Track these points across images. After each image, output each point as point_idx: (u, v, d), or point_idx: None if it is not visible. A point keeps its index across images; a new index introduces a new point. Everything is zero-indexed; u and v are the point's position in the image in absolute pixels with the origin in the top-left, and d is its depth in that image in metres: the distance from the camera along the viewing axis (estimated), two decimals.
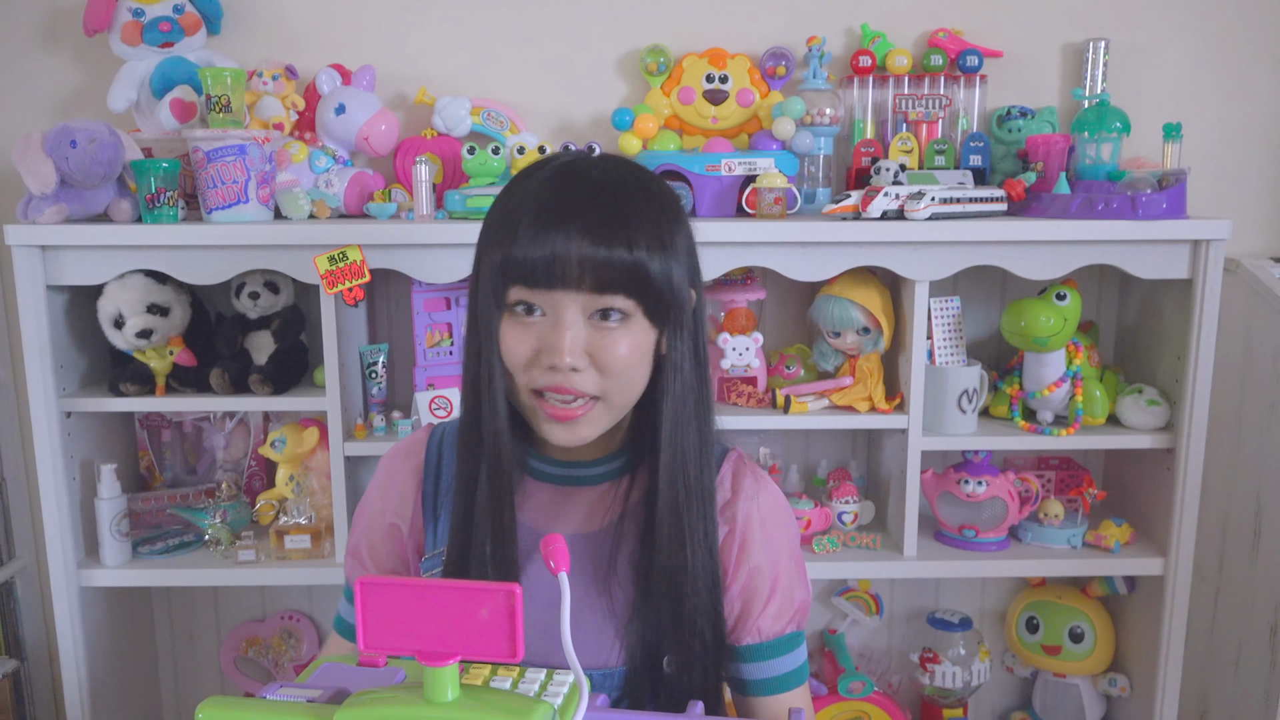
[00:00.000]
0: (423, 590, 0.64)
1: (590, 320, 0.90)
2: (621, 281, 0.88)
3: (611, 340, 0.90)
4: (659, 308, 0.91)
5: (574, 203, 0.89)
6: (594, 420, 0.94)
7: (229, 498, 1.80)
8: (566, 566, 0.74)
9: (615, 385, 0.92)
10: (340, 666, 0.77)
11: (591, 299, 0.89)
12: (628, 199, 0.90)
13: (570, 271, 0.87)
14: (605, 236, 0.87)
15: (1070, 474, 1.89)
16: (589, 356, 0.90)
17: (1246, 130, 1.87)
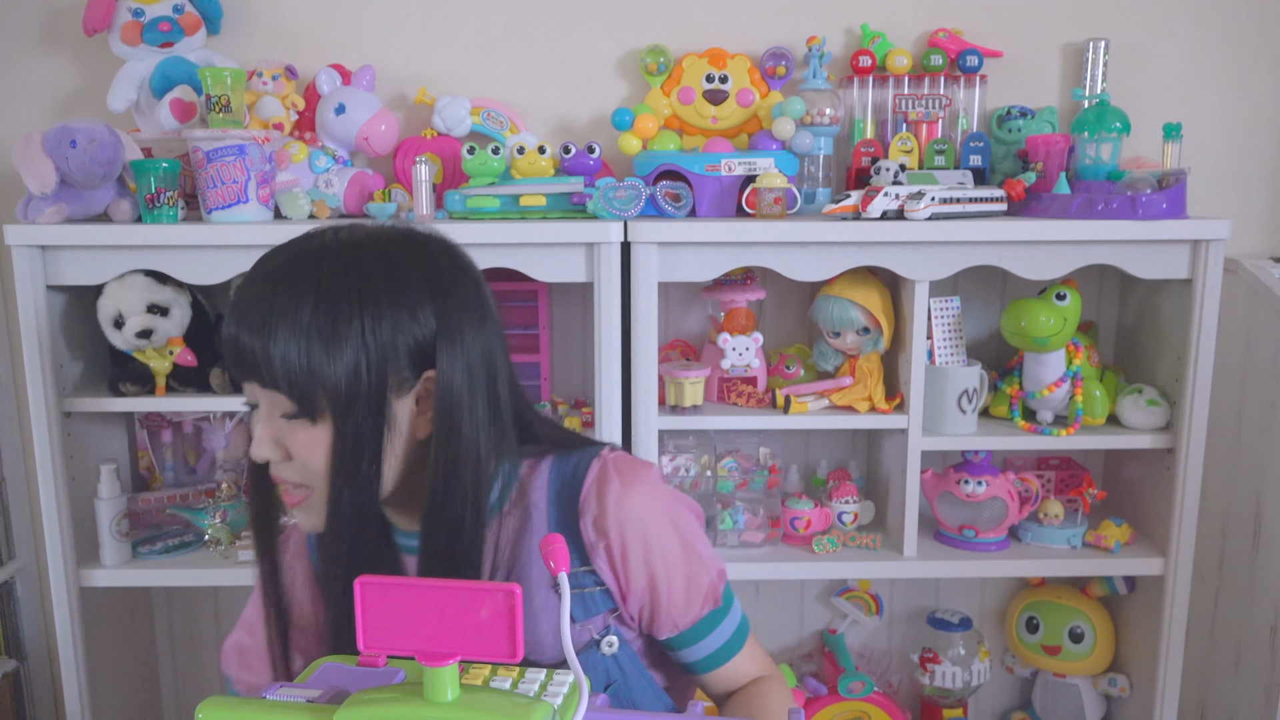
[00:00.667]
0: (423, 590, 0.64)
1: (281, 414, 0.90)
2: (265, 375, 0.87)
3: (292, 433, 0.90)
4: (313, 406, 0.88)
5: (249, 293, 0.89)
6: (314, 508, 0.93)
7: (229, 498, 1.80)
8: (566, 566, 0.74)
9: (310, 477, 0.91)
10: (340, 666, 0.77)
11: (269, 391, 0.89)
12: (287, 287, 0.87)
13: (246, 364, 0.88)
14: (254, 329, 0.87)
15: (1070, 474, 1.89)
16: (283, 449, 0.91)
17: (1246, 130, 1.87)
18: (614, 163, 1.80)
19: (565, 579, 0.73)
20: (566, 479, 1.00)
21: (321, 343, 0.86)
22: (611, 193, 1.60)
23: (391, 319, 0.88)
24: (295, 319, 0.86)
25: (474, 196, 1.62)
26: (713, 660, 1.05)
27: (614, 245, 1.56)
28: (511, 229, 1.57)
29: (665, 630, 1.02)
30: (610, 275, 1.57)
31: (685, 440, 1.77)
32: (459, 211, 1.63)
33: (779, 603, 2.01)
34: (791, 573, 1.76)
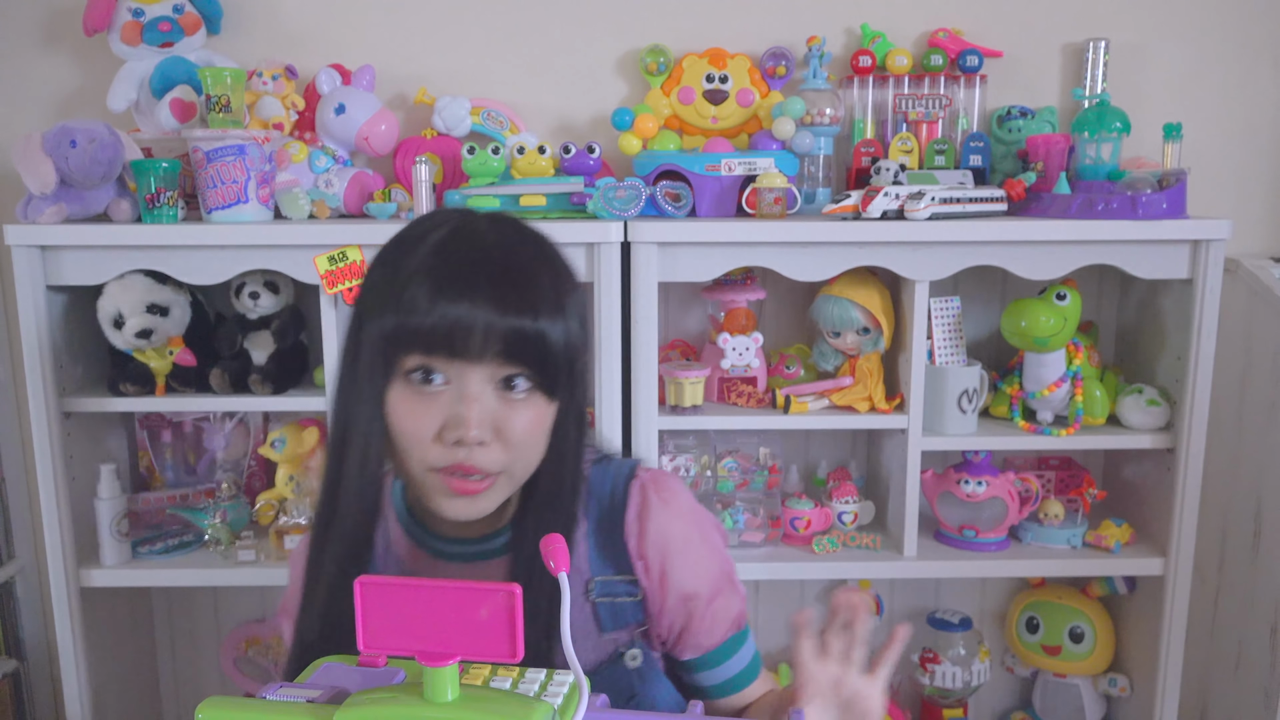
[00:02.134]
0: (423, 590, 0.64)
1: (496, 390, 0.86)
2: (524, 352, 0.85)
3: (515, 412, 0.86)
4: (557, 377, 0.88)
5: (479, 268, 0.85)
6: (495, 494, 0.90)
7: (229, 498, 1.80)
8: (566, 567, 0.74)
9: (517, 459, 0.88)
10: (340, 666, 0.77)
11: (496, 369, 0.85)
12: (528, 265, 0.88)
13: (475, 342, 0.83)
14: (511, 305, 0.84)
15: (1070, 474, 1.89)
16: (494, 429, 0.86)
17: (1246, 130, 1.87)
18: (614, 163, 1.80)
19: (565, 579, 0.73)
20: (605, 495, 1.00)
21: (569, 318, 0.88)
22: (611, 193, 1.60)
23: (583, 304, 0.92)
24: (553, 298, 0.87)
25: (474, 196, 1.62)
26: (731, 685, 1.05)
27: (614, 245, 1.56)
28: None
29: (689, 651, 1.02)
30: (610, 275, 1.57)
31: (685, 440, 1.77)
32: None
33: (779, 603, 2.00)
34: (791, 573, 1.76)
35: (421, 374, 0.85)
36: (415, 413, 0.86)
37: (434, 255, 0.86)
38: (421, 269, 0.85)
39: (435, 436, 0.86)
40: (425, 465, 0.87)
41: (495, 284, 0.84)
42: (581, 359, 0.91)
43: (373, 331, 0.86)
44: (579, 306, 0.91)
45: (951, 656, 1.87)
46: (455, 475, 0.86)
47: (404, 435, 0.86)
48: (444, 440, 0.85)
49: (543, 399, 0.88)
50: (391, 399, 0.86)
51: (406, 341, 0.84)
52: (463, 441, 0.85)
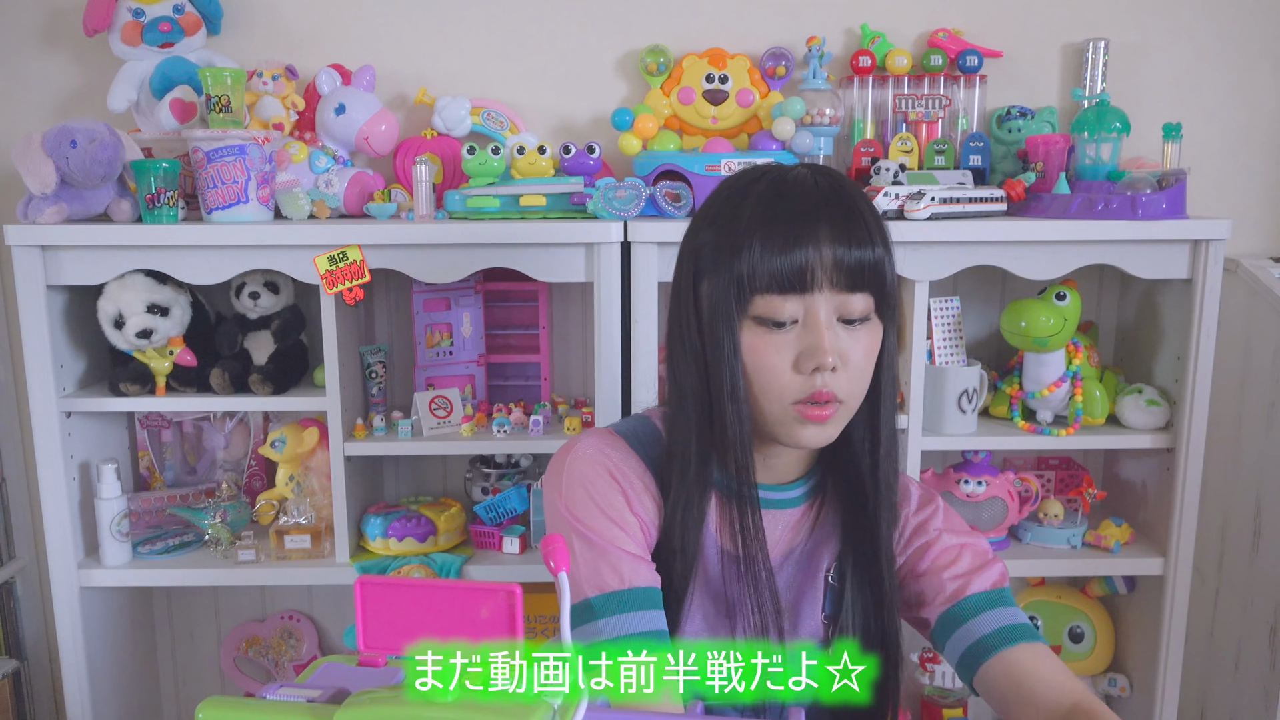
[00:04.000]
0: (423, 590, 0.64)
1: (838, 322, 0.93)
2: (868, 280, 0.92)
3: (855, 340, 0.94)
4: (890, 304, 0.95)
5: (817, 209, 0.92)
6: (837, 422, 0.96)
7: (229, 498, 1.80)
8: (566, 566, 0.74)
9: (856, 387, 0.95)
10: (340, 666, 0.77)
11: (840, 300, 0.92)
12: (857, 202, 0.94)
13: (823, 275, 0.91)
14: (854, 238, 0.91)
15: (1070, 474, 1.89)
16: (841, 358, 0.93)
17: (1246, 130, 1.87)
18: (614, 163, 1.80)
19: (565, 579, 0.73)
20: None
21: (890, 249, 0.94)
22: (611, 193, 1.60)
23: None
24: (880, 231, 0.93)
25: (474, 196, 1.63)
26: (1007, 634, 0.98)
27: (614, 245, 1.56)
28: (511, 229, 1.57)
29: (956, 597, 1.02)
30: (610, 275, 1.57)
31: None
32: (459, 211, 1.63)
33: None
34: None
35: (772, 321, 0.93)
36: (770, 349, 0.93)
37: (770, 202, 0.93)
38: (760, 218, 0.92)
39: (792, 368, 0.93)
40: (785, 399, 0.94)
41: (834, 222, 0.91)
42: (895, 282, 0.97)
43: (720, 284, 0.94)
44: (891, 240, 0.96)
45: None
46: (811, 404, 0.94)
47: (764, 370, 0.94)
48: (802, 369, 0.93)
49: (875, 325, 0.95)
50: (746, 342, 0.94)
51: (759, 284, 0.92)
52: (821, 368, 0.92)
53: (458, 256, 1.58)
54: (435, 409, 1.70)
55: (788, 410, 0.94)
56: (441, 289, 1.77)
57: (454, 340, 1.80)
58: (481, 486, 1.81)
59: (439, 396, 1.71)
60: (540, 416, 1.70)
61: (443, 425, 1.70)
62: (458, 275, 1.60)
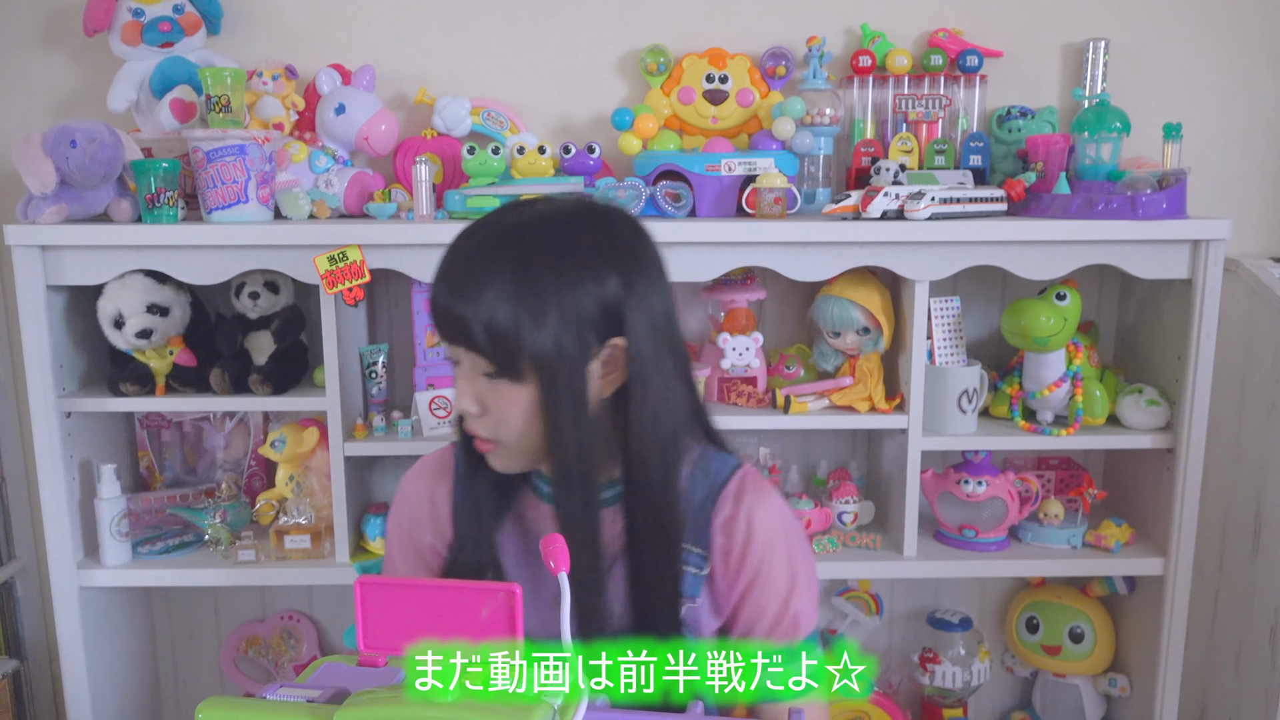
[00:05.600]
0: (423, 590, 0.64)
1: (482, 374, 0.98)
2: (463, 336, 0.96)
3: (494, 391, 0.98)
4: (504, 363, 0.96)
5: (453, 256, 0.98)
6: (500, 457, 1.03)
7: (229, 498, 1.80)
8: (566, 566, 0.75)
9: (506, 433, 1.00)
10: (340, 666, 0.77)
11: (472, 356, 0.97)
12: (495, 255, 0.96)
13: (441, 323, 0.97)
14: (458, 292, 0.95)
15: (1070, 474, 1.89)
16: (481, 404, 0.99)
17: (1246, 130, 1.87)
18: (614, 163, 1.80)
19: (565, 578, 0.73)
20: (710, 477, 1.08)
21: (529, 313, 0.93)
22: (611, 193, 1.60)
23: (584, 288, 0.96)
24: (502, 290, 0.93)
25: (474, 196, 1.62)
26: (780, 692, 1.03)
27: None
28: None
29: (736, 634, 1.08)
30: None
31: None
32: (459, 211, 1.63)
33: None
34: None
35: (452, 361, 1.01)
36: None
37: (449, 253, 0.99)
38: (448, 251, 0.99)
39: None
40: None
41: (455, 271, 0.97)
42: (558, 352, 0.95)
43: None
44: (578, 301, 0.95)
45: (951, 656, 1.87)
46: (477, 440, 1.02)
47: None
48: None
49: (515, 383, 0.97)
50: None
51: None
52: (457, 410, 1.01)
53: None
54: (435, 409, 1.70)
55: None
56: None
57: None
58: None
59: (439, 396, 1.71)
60: None
61: (443, 425, 1.70)
62: None
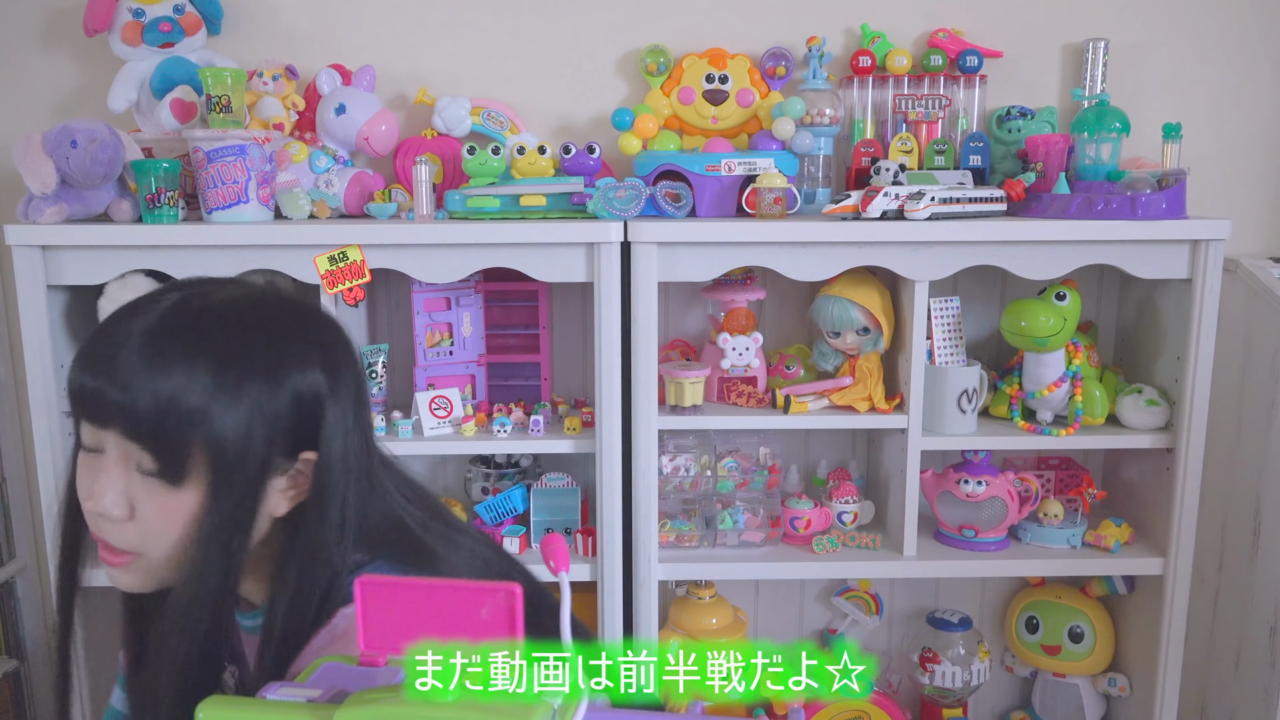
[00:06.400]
0: (423, 590, 0.64)
1: (134, 470, 0.83)
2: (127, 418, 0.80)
3: (147, 494, 0.83)
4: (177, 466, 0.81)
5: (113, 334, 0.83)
6: (137, 574, 0.87)
7: None
8: (566, 566, 0.75)
9: (151, 544, 0.85)
10: (340, 666, 0.77)
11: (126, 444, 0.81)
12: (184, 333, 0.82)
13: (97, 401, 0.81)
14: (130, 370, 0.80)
15: (1070, 474, 1.89)
16: (130, 507, 0.83)
17: (1246, 130, 1.87)
18: (614, 163, 1.80)
19: (565, 578, 0.73)
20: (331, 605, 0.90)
21: (220, 404, 0.80)
22: (611, 193, 1.60)
23: (287, 383, 0.83)
24: (192, 372, 0.80)
25: (474, 196, 1.63)
26: None
27: (614, 245, 1.56)
28: (511, 229, 1.57)
29: None
30: (610, 275, 1.57)
31: (685, 440, 1.77)
32: (459, 211, 1.63)
33: (779, 603, 2.01)
34: (791, 573, 1.77)
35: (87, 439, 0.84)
36: (80, 477, 0.86)
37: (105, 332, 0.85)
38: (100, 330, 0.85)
39: (84, 501, 0.85)
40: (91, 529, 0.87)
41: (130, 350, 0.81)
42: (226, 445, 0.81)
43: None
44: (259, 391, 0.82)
45: (951, 656, 1.87)
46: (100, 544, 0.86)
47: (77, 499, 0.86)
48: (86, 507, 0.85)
49: (162, 485, 0.82)
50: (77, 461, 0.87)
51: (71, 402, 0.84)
52: (93, 512, 0.84)
53: (458, 256, 1.58)
54: (435, 409, 1.70)
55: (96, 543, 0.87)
56: (441, 289, 1.77)
57: (454, 340, 1.80)
58: (481, 486, 1.81)
59: (439, 396, 1.71)
60: (540, 416, 1.70)
61: (443, 425, 1.70)
62: (458, 275, 1.60)
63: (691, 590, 1.82)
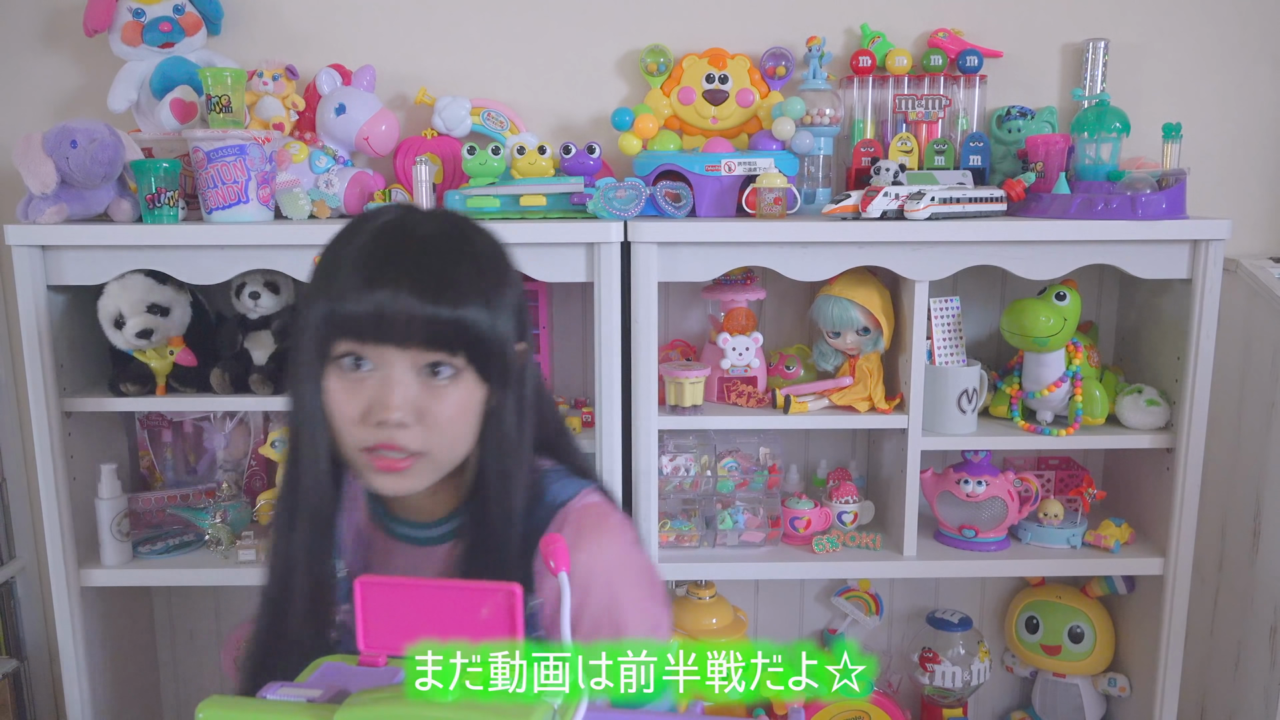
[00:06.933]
0: (423, 590, 0.64)
1: (420, 376, 0.90)
2: (447, 338, 0.89)
3: (439, 397, 0.90)
4: (486, 364, 0.92)
5: (401, 259, 0.89)
6: (419, 474, 0.93)
7: (229, 498, 1.80)
8: (567, 566, 0.75)
9: (440, 442, 0.92)
10: (340, 666, 0.77)
11: (420, 355, 0.89)
12: (453, 256, 0.91)
13: (397, 328, 0.88)
14: (431, 293, 0.88)
15: (1070, 474, 1.89)
16: (417, 412, 0.90)
17: (1246, 130, 1.87)
18: (614, 163, 1.80)
19: (565, 578, 0.73)
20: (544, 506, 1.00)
21: (496, 309, 0.91)
22: (611, 193, 1.60)
23: (517, 286, 0.97)
24: (476, 284, 0.90)
25: (474, 196, 1.62)
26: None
27: (614, 245, 1.56)
28: (511, 229, 1.57)
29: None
30: (610, 275, 1.57)
31: (685, 440, 1.77)
32: (459, 212, 1.63)
33: (779, 602, 2.01)
34: (791, 573, 1.77)
35: (352, 359, 0.90)
36: (344, 395, 0.91)
37: (367, 245, 0.91)
38: (353, 258, 0.90)
39: (361, 418, 0.90)
40: (354, 445, 0.92)
41: (417, 273, 0.88)
42: (513, 350, 0.94)
43: (309, 318, 0.91)
44: (511, 301, 0.94)
45: (951, 656, 1.87)
46: (378, 453, 0.91)
47: (334, 417, 0.92)
48: (368, 421, 0.90)
49: (473, 381, 0.92)
50: (327, 383, 0.91)
51: (337, 327, 0.89)
52: (385, 423, 0.89)
53: None
54: None
55: (359, 457, 0.92)
56: None
57: None
58: None
59: None
60: None
61: None
62: None
63: (691, 590, 1.82)
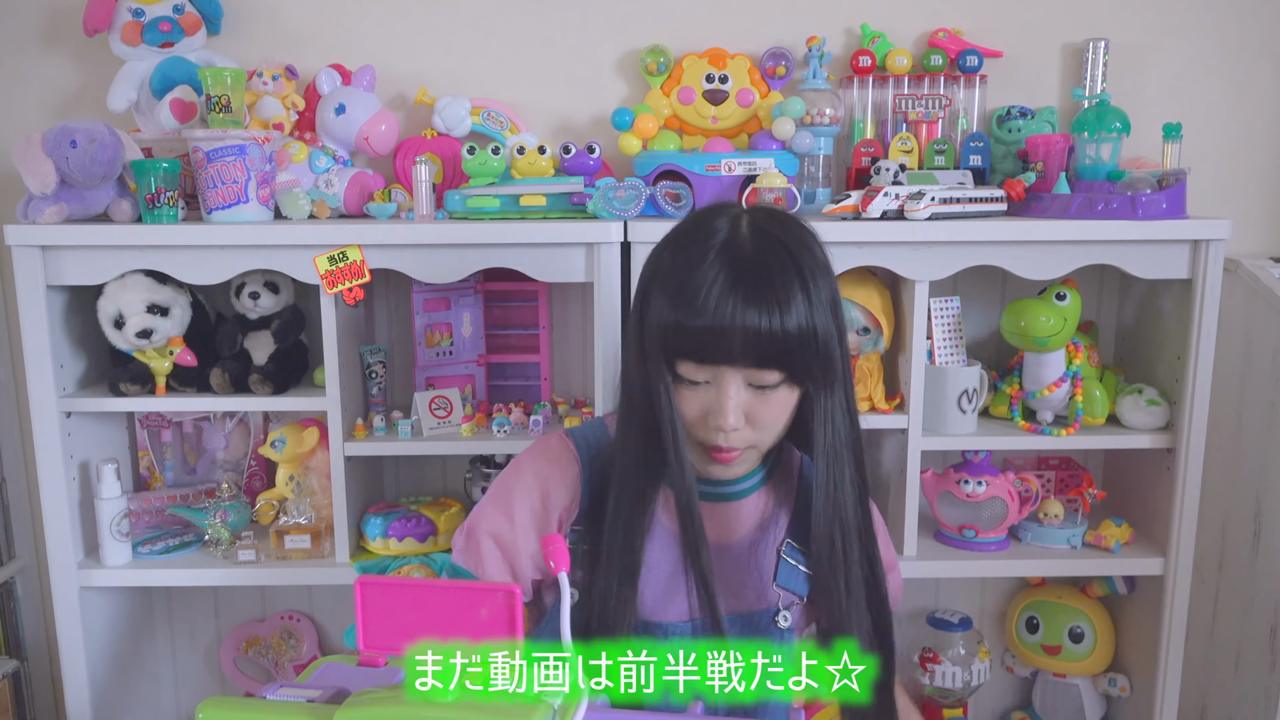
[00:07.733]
0: (423, 590, 0.64)
1: (748, 386, 1.01)
2: (777, 358, 0.99)
3: (765, 402, 1.02)
4: (809, 372, 1.02)
5: (740, 285, 0.97)
6: (746, 460, 1.09)
7: (229, 498, 1.80)
8: (567, 566, 0.75)
9: (765, 436, 1.06)
10: (340, 666, 0.77)
11: (750, 373, 1.00)
12: (782, 276, 0.98)
13: (734, 350, 0.97)
14: (763, 315, 0.96)
15: (1070, 474, 1.89)
16: (746, 415, 1.02)
17: (1246, 130, 1.87)
18: (614, 163, 1.80)
19: (565, 578, 0.73)
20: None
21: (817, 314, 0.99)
22: (611, 193, 1.60)
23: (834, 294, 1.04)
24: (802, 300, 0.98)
25: (474, 196, 1.63)
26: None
27: (614, 245, 1.56)
28: (511, 229, 1.57)
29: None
30: (610, 275, 1.57)
31: None
32: (459, 211, 1.63)
33: None
34: None
35: (688, 377, 1.02)
36: (686, 400, 1.03)
37: (715, 269, 0.98)
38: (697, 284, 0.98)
39: (699, 419, 1.03)
40: (696, 439, 1.06)
41: (747, 298, 0.97)
42: (831, 345, 1.02)
43: (653, 323, 1.02)
44: (827, 298, 1.01)
45: (951, 656, 1.87)
46: (716, 449, 1.04)
47: (683, 414, 1.04)
48: (707, 424, 1.03)
49: (792, 388, 1.03)
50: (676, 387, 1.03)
51: (681, 345, 1.00)
52: (721, 429, 1.01)
53: (458, 256, 1.58)
54: (435, 409, 1.70)
55: (698, 447, 1.06)
56: (441, 289, 1.77)
57: (454, 340, 1.80)
58: (481, 486, 1.81)
59: (439, 396, 1.71)
60: (540, 416, 1.70)
61: (443, 425, 1.70)
62: (458, 275, 1.60)
63: None
